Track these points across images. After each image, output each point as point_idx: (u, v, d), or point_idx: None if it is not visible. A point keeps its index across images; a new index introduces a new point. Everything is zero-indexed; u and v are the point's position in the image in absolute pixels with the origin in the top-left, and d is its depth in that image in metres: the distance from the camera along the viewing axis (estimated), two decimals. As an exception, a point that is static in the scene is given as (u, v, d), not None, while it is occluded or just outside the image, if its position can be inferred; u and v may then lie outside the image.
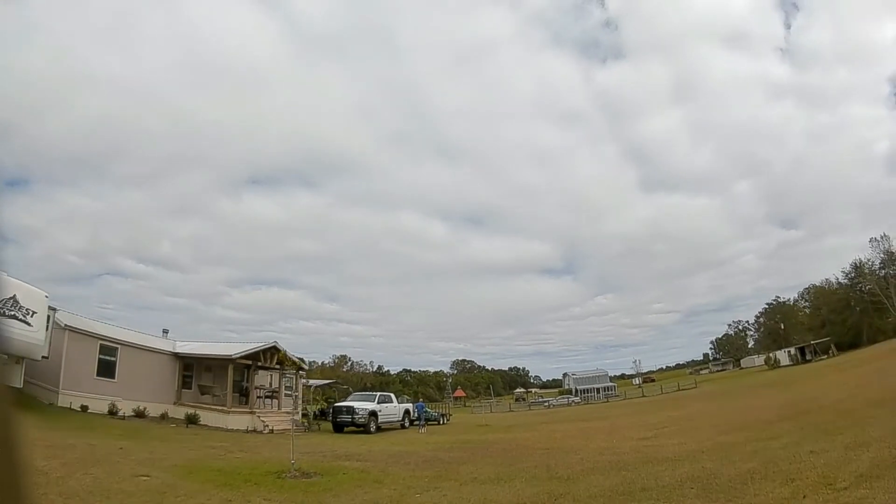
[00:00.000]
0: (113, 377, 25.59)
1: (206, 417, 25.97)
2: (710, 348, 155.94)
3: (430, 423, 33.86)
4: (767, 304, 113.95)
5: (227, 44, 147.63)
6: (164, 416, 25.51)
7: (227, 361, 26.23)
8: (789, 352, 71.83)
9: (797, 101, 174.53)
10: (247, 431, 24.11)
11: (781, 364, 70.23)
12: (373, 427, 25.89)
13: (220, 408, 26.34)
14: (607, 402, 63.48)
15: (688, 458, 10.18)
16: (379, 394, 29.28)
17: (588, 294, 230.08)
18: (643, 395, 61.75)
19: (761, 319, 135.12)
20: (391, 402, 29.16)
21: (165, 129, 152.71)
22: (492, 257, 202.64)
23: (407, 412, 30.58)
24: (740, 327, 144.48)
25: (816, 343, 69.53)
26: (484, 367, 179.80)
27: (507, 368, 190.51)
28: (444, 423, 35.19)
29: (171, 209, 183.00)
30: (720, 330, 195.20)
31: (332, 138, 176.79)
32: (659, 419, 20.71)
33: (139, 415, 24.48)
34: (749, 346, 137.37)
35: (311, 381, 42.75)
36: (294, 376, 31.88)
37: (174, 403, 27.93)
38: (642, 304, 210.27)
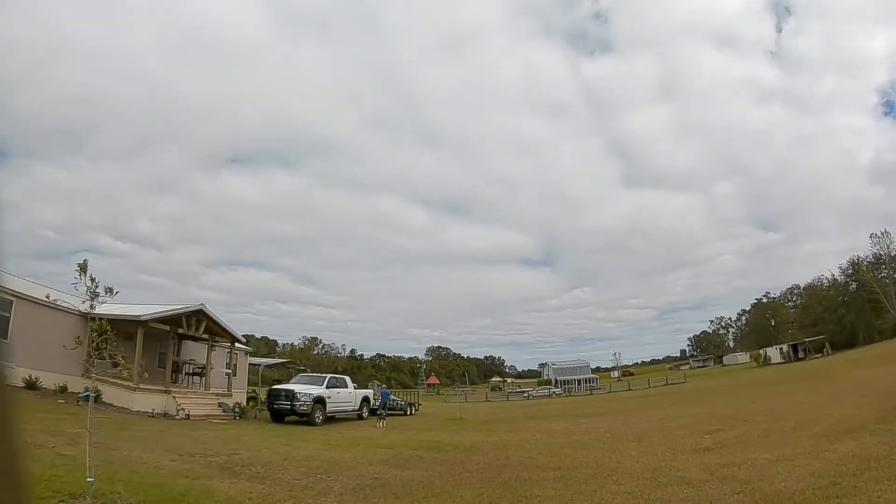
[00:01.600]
0: (5, 337, 20.11)
1: (111, 394, 20.60)
2: (688, 345, 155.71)
3: (393, 412, 28.91)
4: (756, 299, 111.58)
5: (212, 19, 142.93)
6: (62, 390, 20.39)
7: (136, 325, 20.75)
8: (781, 349, 68.37)
9: (784, 105, 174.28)
10: (153, 415, 18.83)
11: (773, 361, 66.87)
12: (319, 417, 20.72)
13: (128, 384, 20.92)
14: (591, 394, 59.04)
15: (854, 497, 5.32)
16: (329, 376, 23.45)
17: (565, 286, 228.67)
18: (630, 389, 57.46)
19: (744, 317, 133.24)
20: (345, 386, 23.80)
21: (145, 103, 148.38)
22: (470, 246, 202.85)
23: (366, 400, 25.30)
24: (722, 324, 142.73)
25: (810, 341, 66.17)
26: (459, 354, 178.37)
27: (482, 357, 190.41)
28: (411, 414, 30.06)
29: (150, 186, 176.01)
30: (695, 328, 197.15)
31: (314, 119, 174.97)
32: (689, 418, 15.82)
33: (30, 386, 19.44)
34: (728, 343, 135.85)
35: (261, 360, 37.29)
36: (229, 350, 26.54)
37: (81, 375, 22.50)
38: (618, 299, 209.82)
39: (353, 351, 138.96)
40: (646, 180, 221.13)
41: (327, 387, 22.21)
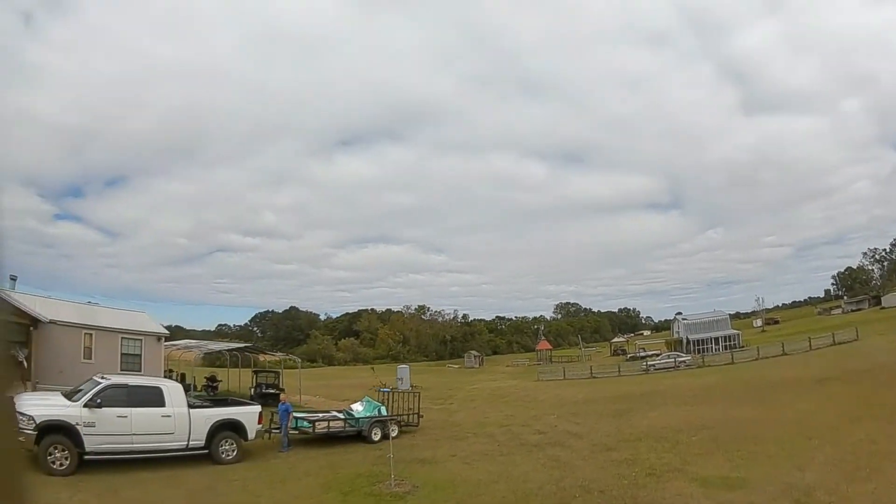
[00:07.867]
0: None
1: None
2: (832, 284, 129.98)
3: (338, 436, 16.56)
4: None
5: (286, 12, 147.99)
6: None
7: None
8: None
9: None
10: None
11: None
12: (58, 462, 10.70)
13: None
14: (733, 363, 41.77)
15: None
16: (111, 382, 12.28)
17: (696, 229, 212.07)
18: (784, 353, 40.01)
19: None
20: (157, 403, 12.45)
21: (243, 105, 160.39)
22: (593, 195, 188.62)
23: (227, 426, 13.45)
24: (876, 257, 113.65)
25: None
26: (590, 309, 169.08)
27: (616, 310, 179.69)
28: (384, 439, 15.95)
29: (267, 181, 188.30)
30: (835, 263, 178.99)
31: (412, 88, 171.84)
32: None
33: None
34: (873, 281, 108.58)
35: (198, 343, 26.04)
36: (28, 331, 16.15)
37: None
38: (752, 237, 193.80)
39: (465, 316, 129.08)
40: (765, 105, 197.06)
41: (88, 404, 11.30)
